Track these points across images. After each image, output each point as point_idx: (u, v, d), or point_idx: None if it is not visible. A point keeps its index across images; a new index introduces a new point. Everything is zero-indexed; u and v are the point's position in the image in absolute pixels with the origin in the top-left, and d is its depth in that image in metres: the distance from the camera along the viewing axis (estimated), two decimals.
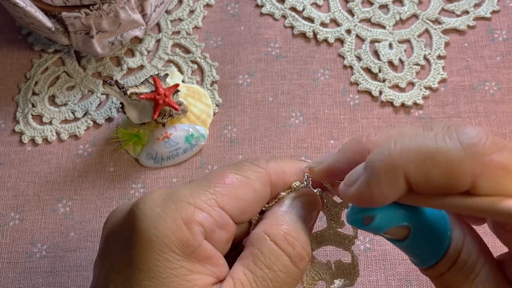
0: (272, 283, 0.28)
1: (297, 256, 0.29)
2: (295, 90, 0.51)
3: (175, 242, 0.26)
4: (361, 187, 0.25)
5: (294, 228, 0.29)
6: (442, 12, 0.53)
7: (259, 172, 0.30)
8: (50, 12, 0.47)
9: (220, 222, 0.28)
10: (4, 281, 0.45)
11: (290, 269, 0.28)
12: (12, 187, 0.49)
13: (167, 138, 0.48)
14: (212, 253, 0.27)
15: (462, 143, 0.22)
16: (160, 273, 0.26)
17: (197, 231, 0.27)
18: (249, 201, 0.29)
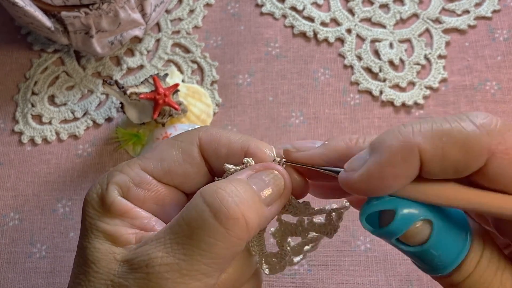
0: (187, 239, 0.26)
1: (223, 213, 0.26)
2: (295, 89, 0.51)
3: (97, 201, 0.30)
4: (371, 169, 0.23)
5: (235, 187, 0.27)
6: (443, 11, 0.53)
7: (189, 134, 0.31)
8: (49, 12, 0.47)
9: (137, 180, 0.30)
10: (4, 281, 0.45)
11: (212, 227, 0.26)
12: (12, 187, 0.49)
13: (167, 138, 0.48)
14: (128, 207, 0.30)
15: (475, 123, 0.22)
16: (87, 228, 0.29)
17: (112, 189, 0.30)
18: (174, 161, 0.30)
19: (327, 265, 0.44)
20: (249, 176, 0.28)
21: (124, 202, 0.30)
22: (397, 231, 0.24)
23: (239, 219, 0.26)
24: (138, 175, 0.30)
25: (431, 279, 0.43)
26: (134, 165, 0.31)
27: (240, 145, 0.30)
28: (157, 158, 0.31)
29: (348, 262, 0.44)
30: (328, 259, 0.44)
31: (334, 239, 0.45)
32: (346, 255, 0.44)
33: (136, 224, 0.29)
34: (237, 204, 0.26)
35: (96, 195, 0.30)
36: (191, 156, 0.30)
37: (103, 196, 0.30)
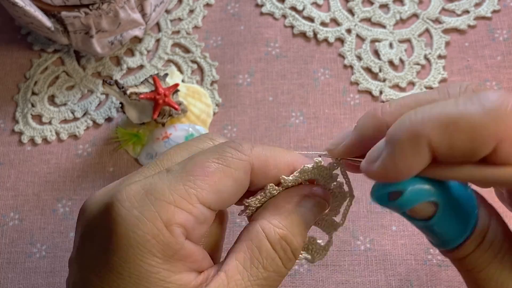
0: (265, 281, 0.29)
1: (287, 260, 0.30)
2: (295, 89, 0.51)
3: (156, 246, 0.26)
4: (386, 161, 0.24)
5: (291, 234, 0.30)
6: (443, 11, 0.53)
7: (242, 160, 0.29)
8: (49, 12, 0.47)
9: (201, 218, 0.27)
10: (4, 281, 0.45)
11: (281, 269, 0.29)
12: (12, 187, 0.49)
13: (167, 138, 0.48)
14: (193, 250, 0.27)
15: (484, 107, 0.22)
16: (142, 278, 0.25)
17: (178, 233, 0.26)
18: (229, 192, 0.28)
19: (327, 265, 0.44)
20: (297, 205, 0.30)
21: (191, 246, 0.27)
22: (403, 207, 0.26)
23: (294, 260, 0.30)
24: (201, 212, 0.27)
25: (431, 279, 0.43)
26: (192, 198, 0.27)
27: (287, 164, 0.31)
28: (214, 190, 0.27)
29: (348, 262, 0.44)
30: (328, 259, 0.44)
31: (334, 239, 0.45)
32: (346, 255, 0.44)
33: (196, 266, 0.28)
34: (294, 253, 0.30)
35: (152, 237, 0.25)
36: (243, 186, 0.29)
37: (166, 241, 0.26)
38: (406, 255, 0.44)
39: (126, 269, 0.25)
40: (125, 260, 0.26)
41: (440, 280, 0.43)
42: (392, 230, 0.45)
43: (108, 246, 0.26)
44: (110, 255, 0.26)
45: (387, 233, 0.45)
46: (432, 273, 0.43)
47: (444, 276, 0.43)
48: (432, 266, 0.44)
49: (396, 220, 0.45)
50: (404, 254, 0.44)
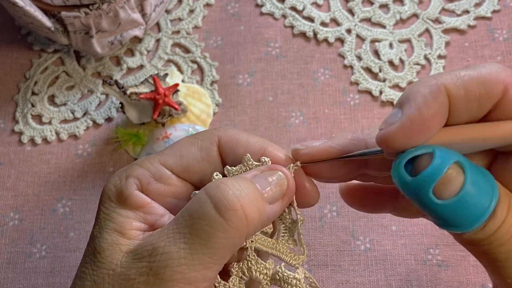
0: (188, 229, 0.27)
1: (223, 204, 0.27)
2: (295, 89, 0.51)
3: (114, 193, 0.30)
4: (410, 114, 0.25)
5: (237, 183, 0.28)
6: (443, 11, 0.53)
7: (209, 133, 0.32)
8: (49, 12, 0.47)
9: (157, 175, 0.31)
10: (4, 281, 0.45)
11: (212, 217, 0.27)
12: (12, 187, 0.49)
13: (167, 138, 0.48)
14: (145, 201, 0.30)
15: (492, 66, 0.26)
16: (100, 219, 0.30)
17: (130, 182, 0.30)
18: (192, 158, 0.31)
19: (327, 265, 0.44)
20: (254, 176, 0.29)
21: (141, 196, 0.30)
22: (435, 175, 0.24)
23: (238, 210, 0.27)
24: (158, 170, 0.31)
25: (431, 279, 0.43)
26: (154, 160, 0.31)
27: (257, 147, 0.31)
28: (177, 154, 0.31)
29: (348, 262, 0.44)
30: (328, 259, 0.44)
31: (334, 239, 0.45)
32: (346, 255, 0.44)
33: (150, 220, 0.30)
34: (237, 196, 0.27)
35: (114, 187, 0.30)
36: (209, 155, 0.31)
37: (121, 188, 0.30)
38: (406, 255, 0.44)
39: (97, 216, 0.30)
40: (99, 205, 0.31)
41: (440, 280, 0.43)
42: (392, 230, 0.45)
43: None
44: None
45: (387, 233, 0.45)
46: (432, 273, 0.43)
47: (444, 276, 0.43)
48: (432, 266, 0.44)
49: (396, 220, 0.45)
50: (404, 254, 0.44)
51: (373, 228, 0.45)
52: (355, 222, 0.45)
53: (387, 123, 0.26)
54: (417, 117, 0.25)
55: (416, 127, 0.25)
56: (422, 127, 0.25)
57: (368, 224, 0.45)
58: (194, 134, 0.32)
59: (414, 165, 0.25)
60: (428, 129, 0.25)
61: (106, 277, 0.28)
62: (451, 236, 0.45)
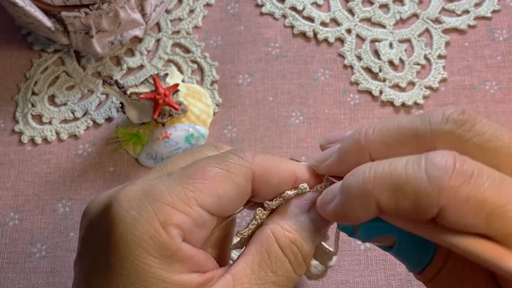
0: (273, 286, 0.28)
1: (298, 265, 0.29)
2: (295, 89, 0.51)
3: (153, 246, 0.26)
4: (337, 208, 0.27)
5: (301, 238, 0.29)
6: (443, 11, 0.53)
7: (243, 166, 0.29)
8: (49, 12, 0.47)
9: (199, 221, 0.27)
10: (4, 281, 0.45)
11: (291, 275, 0.29)
12: (12, 187, 0.49)
13: (167, 138, 0.48)
14: (193, 253, 0.27)
15: (428, 175, 0.23)
16: (141, 278, 0.26)
17: (175, 234, 0.26)
18: (230, 198, 0.28)
19: None
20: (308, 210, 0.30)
21: (189, 248, 0.27)
22: (363, 240, 0.28)
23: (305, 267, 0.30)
24: (199, 214, 0.27)
25: None
26: (191, 201, 0.27)
27: (289, 172, 0.30)
28: (214, 194, 0.28)
29: (348, 262, 0.44)
30: None
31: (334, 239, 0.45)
32: (346, 255, 0.44)
33: (197, 267, 0.28)
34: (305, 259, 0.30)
35: (149, 237, 0.26)
36: (245, 193, 0.29)
37: (164, 242, 0.26)
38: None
39: (124, 269, 0.26)
40: (123, 260, 0.26)
41: None
42: None
43: (107, 246, 0.26)
44: (109, 255, 0.26)
45: None
46: None
47: None
48: None
49: None
50: None
51: None
52: None
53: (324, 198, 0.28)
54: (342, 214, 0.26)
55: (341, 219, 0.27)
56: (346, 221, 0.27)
57: None
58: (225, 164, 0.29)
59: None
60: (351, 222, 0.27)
61: None
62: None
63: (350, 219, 0.26)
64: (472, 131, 0.25)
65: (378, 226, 0.27)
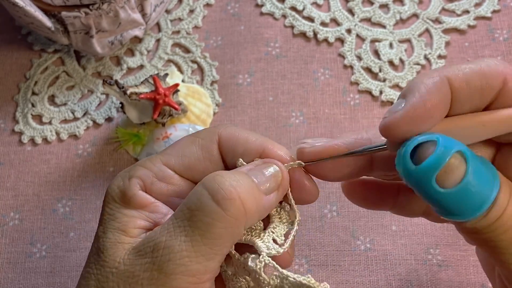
0: (188, 222, 0.27)
1: (220, 194, 0.27)
2: (295, 89, 0.51)
3: (118, 193, 0.30)
4: (414, 102, 0.26)
5: (233, 174, 0.28)
6: (443, 11, 0.53)
7: (209, 131, 0.32)
8: (49, 12, 0.47)
9: (160, 175, 0.31)
10: (4, 281, 0.45)
11: (210, 208, 0.27)
12: (12, 187, 0.49)
13: (167, 138, 0.48)
14: (149, 201, 0.30)
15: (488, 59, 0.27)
16: (104, 219, 0.30)
17: (134, 182, 0.30)
18: (194, 157, 0.31)
19: (327, 265, 0.44)
20: (249, 169, 0.30)
21: (145, 196, 0.30)
22: (438, 163, 0.25)
23: (235, 199, 0.27)
24: (160, 169, 0.31)
25: (431, 279, 0.43)
26: (156, 160, 0.31)
27: (257, 145, 0.31)
28: (178, 154, 0.32)
29: (348, 262, 0.44)
30: (328, 259, 0.44)
31: (334, 239, 0.45)
32: (346, 255, 0.44)
33: (154, 218, 0.30)
34: (233, 186, 0.28)
35: (117, 188, 0.31)
36: (210, 153, 0.32)
37: (124, 189, 0.30)
38: (406, 255, 0.44)
39: (101, 216, 0.31)
40: (102, 209, 0.31)
41: (440, 280, 0.43)
42: (392, 230, 0.45)
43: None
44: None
45: (387, 233, 0.45)
46: (432, 273, 0.43)
47: (444, 276, 0.43)
48: (432, 266, 0.44)
49: (396, 220, 0.45)
50: (404, 254, 0.44)
51: (373, 228, 0.45)
52: (355, 222, 0.45)
53: (390, 112, 0.27)
54: (420, 105, 0.26)
55: (419, 115, 0.26)
56: (425, 115, 0.26)
57: (368, 224, 0.45)
58: (194, 133, 0.33)
59: (417, 153, 0.26)
60: (430, 118, 0.26)
61: (110, 275, 0.28)
62: (451, 236, 0.46)
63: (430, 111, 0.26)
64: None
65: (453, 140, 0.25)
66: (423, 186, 0.26)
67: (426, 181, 0.25)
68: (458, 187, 0.25)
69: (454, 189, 0.25)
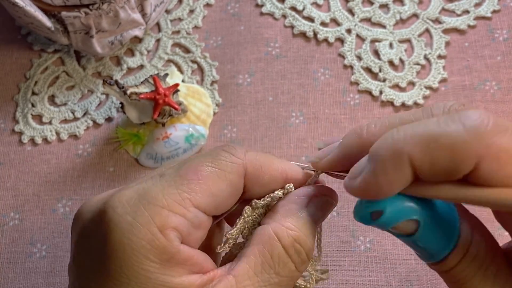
0: (276, 286, 0.28)
1: (301, 262, 0.29)
2: (295, 89, 0.51)
3: (152, 251, 0.25)
4: (367, 178, 0.24)
5: (304, 235, 0.29)
6: (443, 11, 0.53)
7: (236, 164, 0.29)
8: (49, 12, 0.47)
9: (196, 222, 0.27)
10: (4, 281, 0.45)
11: (294, 274, 0.29)
12: (12, 187, 0.49)
13: (167, 138, 0.48)
14: (191, 254, 0.27)
15: (465, 126, 0.22)
16: (141, 284, 0.25)
17: (173, 237, 0.26)
18: (224, 196, 0.28)
19: (327, 265, 0.44)
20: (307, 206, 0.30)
21: (188, 250, 0.27)
22: (385, 226, 0.26)
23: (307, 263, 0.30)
24: (196, 216, 0.27)
25: (431, 279, 0.43)
26: (186, 202, 0.27)
27: (280, 171, 0.31)
28: (208, 194, 0.28)
29: (348, 262, 0.44)
30: (328, 259, 0.44)
31: (334, 239, 0.45)
32: (346, 255, 0.44)
33: (197, 267, 0.27)
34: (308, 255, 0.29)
35: (147, 242, 0.25)
36: (238, 190, 0.29)
37: (163, 246, 0.26)
38: (406, 255, 0.44)
39: (123, 275, 0.25)
40: (122, 266, 0.25)
41: (440, 280, 0.43)
42: None
43: (104, 253, 0.26)
44: (107, 262, 0.26)
45: (387, 233, 0.45)
46: (432, 273, 0.43)
47: None
48: None
49: None
50: (404, 254, 0.44)
51: (373, 228, 0.45)
52: (355, 222, 0.45)
53: (352, 174, 0.26)
54: (373, 183, 0.24)
55: (372, 192, 0.25)
56: (377, 192, 0.24)
57: None
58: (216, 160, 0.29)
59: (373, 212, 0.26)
60: (383, 194, 0.24)
61: None
62: None
63: (382, 189, 0.24)
64: None
65: (403, 208, 0.25)
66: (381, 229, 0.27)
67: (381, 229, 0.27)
68: (408, 239, 0.27)
69: (405, 238, 0.27)
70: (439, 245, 0.26)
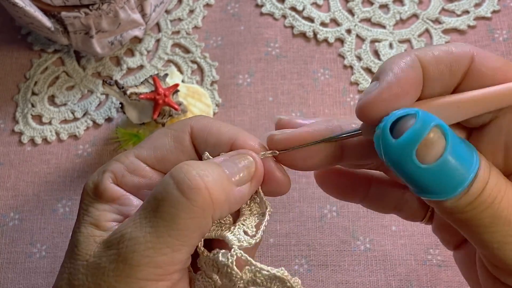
0: (153, 213, 0.27)
1: (186, 184, 0.27)
2: (295, 90, 0.51)
3: (91, 188, 0.31)
4: (388, 81, 0.26)
5: (202, 164, 0.28)
6: (443, 11, 0.53)
7: (182, 123, 0.32)
8: (49, 12, 0.47)
9: (131, 167, 0.31)
10: (4, 281, 0.45)
11: (175, 198, 0.26)
12: (12, 187, 0.49)
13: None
14: (120, 193, 0.30)
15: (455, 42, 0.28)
16: (80, 214, 0.30)
17: (106, 176, 0.30)
18: (166, 149, 0.31)
19: (327, 265, 0.44)
20: (222, 160, 0.30)
21: (116, 188, 0.30)
22: (418, 136, 0.24)
23: (201, 189, 0.26)
24: (132, 162, 0.31)
25: (431, 279, 0.43)
26: (129, 153, 0.31)
27: (228, 136, 0.31)
28: (151, 147, 0.31)
29: (348, 262, 0.44)
30: (328, 259, 0.44)
31: (334, 239, 0.45)
32: (346, 255, 0.44)
33: (126, 211, 0.30)
34: (200, 176, 0.27)
35: (92, 182, 0.31)
36: (182, 144, 0.31)
37: (97, 183, 0.30)
38: (406, 255, 0.44)
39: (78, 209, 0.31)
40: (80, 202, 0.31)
41: (440, 280, 0.43)
42: (392, 230, 0.45)
43: None
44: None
45: (387, 233, 0.45)
46: (432, 273, 0.43)
47: (444, 276, 0.43)
48: (432, 266, 0.44)
49: (396, 220, 0.45)
50: (404, 254, 0.44)
51: (373, 228, 0.45)
52: (355, 222, 0.45)
53: (365, 93, 0.27)
54: (394, 82, 0.26)
55: (394, 93, 0.26)
56: (400, 92, 0.26)
57: (368, 224, 0.45)
58: (168, 125, 0.33)
59: (396, 128, 0.25)
60: (406, 95, 0.26)
61: (80, 268, 0.28)
62: None
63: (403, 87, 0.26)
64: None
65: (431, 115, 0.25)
66: (403, 162, 0.25)
67: (406, 155, 0.25)
68: (439, 162, 0.24)
69: (434, 164, 0.24)
70: (468, 160, 0.25)
